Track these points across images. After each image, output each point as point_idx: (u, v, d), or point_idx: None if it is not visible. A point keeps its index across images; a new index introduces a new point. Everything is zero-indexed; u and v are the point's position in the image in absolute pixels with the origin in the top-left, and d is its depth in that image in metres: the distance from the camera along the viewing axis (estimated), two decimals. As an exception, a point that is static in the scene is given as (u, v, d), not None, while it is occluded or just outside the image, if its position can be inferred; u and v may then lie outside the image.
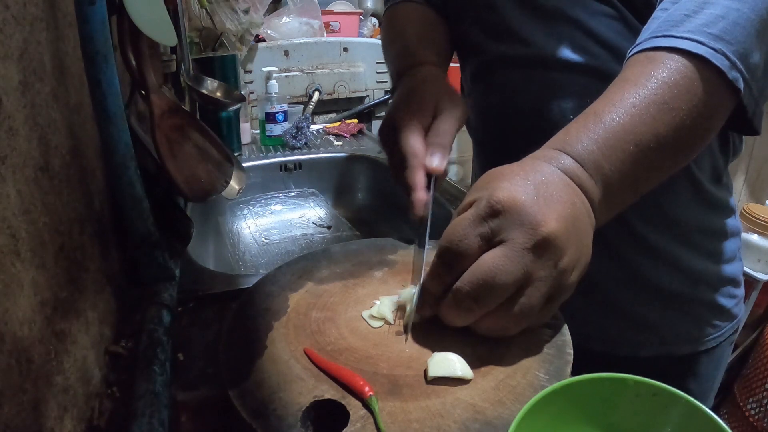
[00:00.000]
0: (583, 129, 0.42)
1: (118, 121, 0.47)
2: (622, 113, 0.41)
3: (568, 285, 0.39)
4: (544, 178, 0.40)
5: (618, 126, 0.41)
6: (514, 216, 0.38)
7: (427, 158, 0.54)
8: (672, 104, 0.41)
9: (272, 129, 1.27)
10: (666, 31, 0.44)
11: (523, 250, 0.37)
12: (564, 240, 0.38)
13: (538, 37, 0.62)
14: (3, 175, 0.31)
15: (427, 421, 0.35)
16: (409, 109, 0.57)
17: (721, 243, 0.67)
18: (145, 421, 0.37)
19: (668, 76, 0.42)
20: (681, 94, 0.41)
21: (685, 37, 0.42)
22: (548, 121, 0.63)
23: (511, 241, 0.37)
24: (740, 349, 1.60)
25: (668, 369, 0.69)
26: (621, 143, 0.41)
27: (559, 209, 0.38)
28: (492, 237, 0.38)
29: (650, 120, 0.41)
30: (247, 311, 0.48)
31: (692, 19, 0.43)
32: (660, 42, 0.43)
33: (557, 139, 0.43)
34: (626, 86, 0.43)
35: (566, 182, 0.40)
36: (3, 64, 0.32)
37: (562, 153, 0.42)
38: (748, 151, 2.04)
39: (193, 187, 0.59)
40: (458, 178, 2.06)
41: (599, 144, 0.41)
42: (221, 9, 1.26)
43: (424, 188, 0.53)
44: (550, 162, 0.42)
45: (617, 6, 0.57)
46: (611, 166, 0.41)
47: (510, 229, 0.37)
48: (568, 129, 0.43)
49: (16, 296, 0.31)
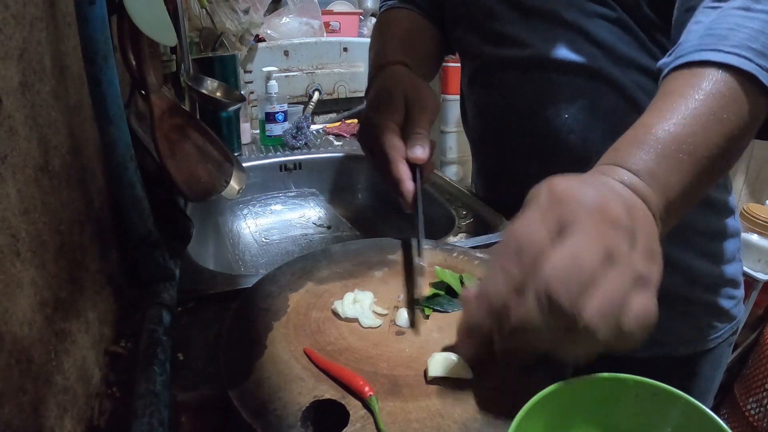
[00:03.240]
0: (634, 141, 0.42)
1: (118, 121, 0.47)
2: (674, 124, 0.41)
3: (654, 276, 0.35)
4: (599, 181, 0.39)
5: (669, 136, 0.41)
6: (579, 202, 0.35)
7: (409, 151, 0.56)
8: (720, 115, 0.41)
9: (272, 129, 1.27)
10: (712, 45, 0.44)
11: (597, 233, 0.34)
12: (632, 225, 0.35)
13: (534, 39, 0.62)
14: (3, 175, 0.31)
15: (427, 421, 0.35)
16: (381, 109, 0.59)
17: (720, 244, 0.67)
18: (145, 421, 0.37)
19: (714, 87, 0.42)
20: (728, 104, 0.42)
21: (733, 53, 0.42)
22: (545, 122, 0.63)
23: (582, 226, 0.34)
24: (740, 349, 1.60)
25: (667, 370, 0.69)
26: (675, 153, 0.40)
27: (621, 199, 0.37)
28: (561, 226, 0.35)
29: (701, 130, 0.41)
30: (247, 311, 0.48)
31: (736, 34, 0.43)
32: (707, 56, 0.43)
33: (607, 156, 0.42)
34: (673, 98, 0.43)
35: (622, 188, 0.39)
36: (3, 64, 0.32)
37: (615, 167, 0.41)
38: (748, 151, 2.04)
39: (193, 187, 0.59)
40: (458, 178, 2.06)
41: (652, 154, 0.40)
42: (221, 9, 1.26)
43: (410, 179, 0.55)
44: (604, 174, 0.40)
45: (613, 7, 0.57)
46: (668, 175, 0.40)
47: (578, 216, 0.35)
48: (617, 145, 0.42)
49: (16, 296, 0.31)
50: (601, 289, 0.32)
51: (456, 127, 1.97)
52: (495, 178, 0.79)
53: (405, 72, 0.65)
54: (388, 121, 0.58)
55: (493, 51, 0.67)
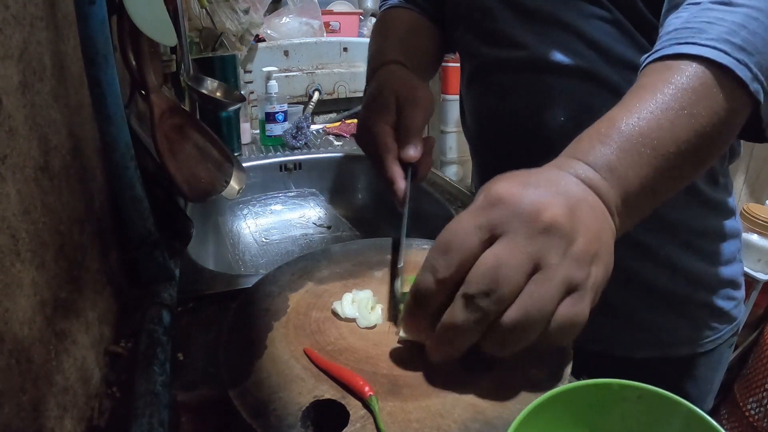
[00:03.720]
0: (596, 135, 0.41)
1: (118, 121, 0.47)
2: (638, 118, 0.40)
3: (588, 280, 0.35)
4: (549, 177, 0.39)
5: (633, 130, 0.40)
6: (513, 207, 0.35)
7: (401, 150, 0.57)
8: (690, 110, 0.40)
9: (272, 129, 1.27)
10: (688, 38, 0.43)
11: (525, 240, 0.34)
12: (570, 227, 0.35)
13: (531, 40, 0.62)
14: (3, 175, 0.31)
15: (427, 421, 0.35)
16: (374, 110, 0.60)
17: (720, 245, 0.67)
18: (145, 421, 0.37)
19: (686, 82, 0.41)
20: (700, 100, 0.41)
21: (710, 46, 0.41)
22: (541, 124, 0.63)
23: (512, 232, 0.35)
24: (740, 349, 1.60)
25: (666, 371, 0.69)
26: (637, 146, 0.39)
27: (563, 200, 0.36)
28: (492, 230, 0.36)
29: (668, 125, 0.40)
30: (247, 311, 0.48)
31: (714, 27, 0.42)
32: (682, 49, 0.42)
33: (569, 148, 0.42)
34: (642, 93, 0.42)
35: (575, 182, 0.39)
36: (3, 64, 0.32)
37: (573, 159, 0.40)
38: (748, 152, 2.04)
39: (193, 187, 0.59)
40: (458, 178, 2.06)
41: (613, 148, 0.40)
42: (221, 9, 1.26)
43: (402, 179, 0.56)
44: (560, 168, 0.40)
45: (609, 8, 0.57)
46: (627, 169, 0.39)
47: (510, 221, 0.35)
48: (580, 137, 0.42)
49: (16, 296, 0.31)
50: (523, 298, 0.34)
51: (456, 127, 1.97)
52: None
53: (400, 71, 0.65)
54: (380, 122, 0.59)
55: (490, 52, 0.67)
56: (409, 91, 0.61)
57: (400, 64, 0.66)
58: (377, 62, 0.67)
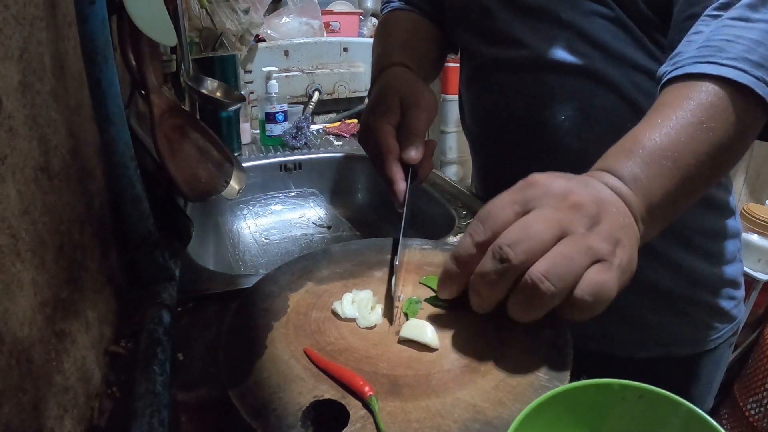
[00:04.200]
0: (621, 150, 0.44)
1: (118, 121, 0.47)
2: (659, 134, 0.43)
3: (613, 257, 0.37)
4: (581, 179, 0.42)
5: (655, 145, 0.43)
6: (545, 187, 0.40)
7: (403, 152, 0.58)
8: (708, 124, 0.43)
9: (272, 129, 1.27)
10: (709, 57, 0.45)
11: (555, 211, 0.38)
12: (595, 211, 0.38)
13: (531, 39, 0.62)
14: (3, 175, 0.31)
15: (427, 421, 0.35)
16: (378, 111, 0.61)
17: (720, 244, 0.67)
18: (145, 421, 0.37)
19: (705, 98, 0.44)
20: (717, 114, 0.43)
21: (729, 65, 0.44)
22: (542, 122, 0.63)
23: (543, 206, 0.39)
24: (740, 349, 1.60)
25: (667, 370, 0.69)
26: (659, 159, 0.42)
27: (592, 192, 0.40)
28: (525, 205, 0.39)
29: (687, 139, 0.43)
30: (247, 311, 0.48)
31: (733, 45, 0.44)
32: (703, 69, 0.44)
33: (596, 164, 0.45)
34: (664, 109, 0.45)
35: (604, 188, 0.42)
36: (3, 64, 0.32)
37: (601, 171, 0.43)
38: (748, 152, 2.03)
39: (193, 187, 0.59)
40: (458, 178, 2.06)
41: (637, 161, 0.42)
42: (221, 9, 1.26)
43: (402, 180, 0.57)
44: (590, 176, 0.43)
45: (610, 6, 0.57)
46: (651, 181, 0.42)
47: (541, 197, 0.39)
48: (607, 154, 0.45)
49: (16, 296, 0.31)
50: (552, 253, 0.36)
51: (456, 127, 1.97)
52: (494, 178, 0.79)
53: (404, 73, 0.65)
54: (383, 123, 0.59)
55: (490, 51, 0.67)
56: (413, 93, 0.61)
57: (405, 66, 0.67)
58: (382, 64, 0.68)
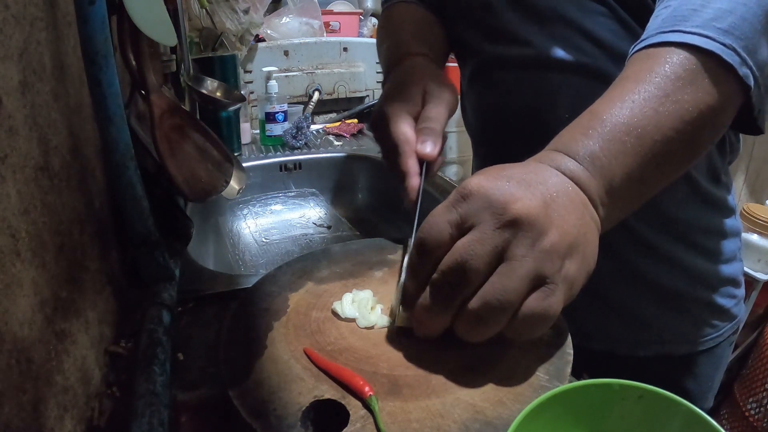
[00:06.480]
0: (578, 127, 0.41)
1: (118, 121, 0.47)
2: (620, 108, 0.40)
3: (559, 274, 0.35)
4: (527, 170, 0.39)
5: (615, 120, 0.40)
6: (482, 199, 0.36)
7: (419, 145, 0.54)
8: (675, 96, 0.40)
9: (272, 129, 1.27)
10: (673, 26, 0.42)
11: (492, 231, 0.35)
12: (541, 220, 0.35)
13: (533, 37, 0.62)
14: (3, 175, 0.31)
15: (427, 421, 0.35)
16: (397, 99, 0.57)
17: (721, 243, 0.67)
18: (145, 421, 0.37)
19: (670, 69, 0.41)
20: (684, 86, 0.40)
21: (694, 32, 0.41)
22: (543, 121, 0.63)
23: (480, 224, 0.36)
24: (740, 349, 1.60)
25: (667, 369, 0.69)
26: (620, 135, 0.39)
27: (536, 191, 0.36)
28: (462, 223, 0.37)
29: (652, 113, 0.39)
30: (247, 311, 0.48)
31: (699, 14, 0.42)
32: (667, 37, 0.42)
33: (553, 142, 0.42)
34: (625, 83, 0.42)
35: (555, 174, 0.39)
36: (3, 64, 0.32)
37: (554, 151, 0.41)
38: (748, 151, 2.04)
39: (193, 187, 0.59)
40: (458, 178, 2.06)
41: (595, 138, 0.39)
42: (221, 9, 1.26)
43: (417, 174, 0.53)
44: (539, 161, 0.40)
45: (611, 5, 0.57)
46: (611, 159, 0.39)
47: (478, 213, 0.36)
48: (563, 131, 0.42)
49: (16, 296, 0.31)
50: (485, 288, 0.35)
51: (456, 127, 1.97)
52: None
53: (426, 64, 0.63)
54: (402, 111, 0.56)
55: (492, 49, 0.66)
56: (438, 86, 0.58)
57: (427, 57, 0.64)
58: (399, 53, 0.65)
